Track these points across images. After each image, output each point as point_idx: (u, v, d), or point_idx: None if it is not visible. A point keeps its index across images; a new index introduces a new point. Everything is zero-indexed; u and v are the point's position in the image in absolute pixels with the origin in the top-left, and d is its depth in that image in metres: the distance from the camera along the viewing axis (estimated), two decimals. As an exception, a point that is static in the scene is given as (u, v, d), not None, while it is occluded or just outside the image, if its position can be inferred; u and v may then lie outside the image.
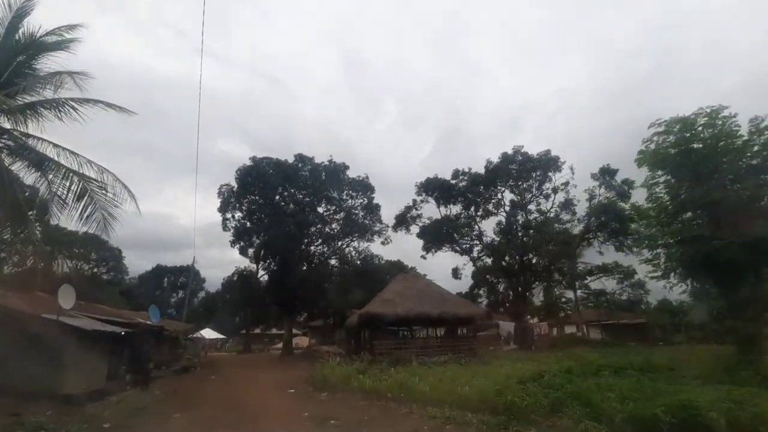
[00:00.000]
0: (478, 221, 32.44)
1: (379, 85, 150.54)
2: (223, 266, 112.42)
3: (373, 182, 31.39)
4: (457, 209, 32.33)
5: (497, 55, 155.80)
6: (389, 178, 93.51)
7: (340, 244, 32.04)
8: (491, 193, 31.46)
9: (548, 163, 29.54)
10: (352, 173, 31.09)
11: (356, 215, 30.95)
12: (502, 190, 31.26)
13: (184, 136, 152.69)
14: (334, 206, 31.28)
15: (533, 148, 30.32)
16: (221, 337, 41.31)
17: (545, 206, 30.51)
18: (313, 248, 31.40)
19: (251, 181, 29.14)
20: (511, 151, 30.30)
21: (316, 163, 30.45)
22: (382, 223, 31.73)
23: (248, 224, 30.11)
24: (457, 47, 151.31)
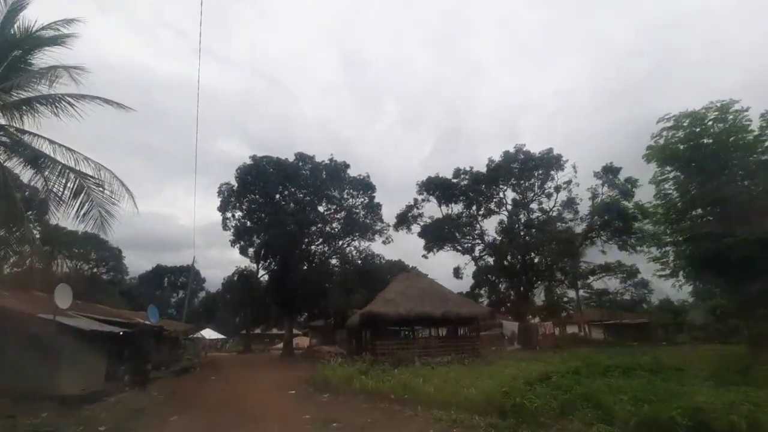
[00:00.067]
0: (479, 220, 32.29)
1: (379, 85, 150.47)
2: (223, 266, 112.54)
3: (373, 182, 31.18)
4: (458, 208, 32.19)
5: (497, 55, 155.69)
6: (389, 178, 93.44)
7: (340, 243, 31.87)
8: (493, 191, 31.23)
9: (550, 161, 29.31)
10: (352, 173, 30.90)
11: (357, 214, 30.73)
12: (504, 188, 31.07)
13: (184, 136, 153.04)
14: (334, 205, 31.03)
15: (533, 147, 29.99)
16: (221, 337, 41.26)
17: (547, 205, 30.31)
18: (313, 248, 31.24)
19: (251, 180, 28.93)
20: (513, 149, 30.15)
21: (316, 162, 30.22)
22: (383, 222, 31.56)
23: (248, 223, 29.92)
24: (457, 47, 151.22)
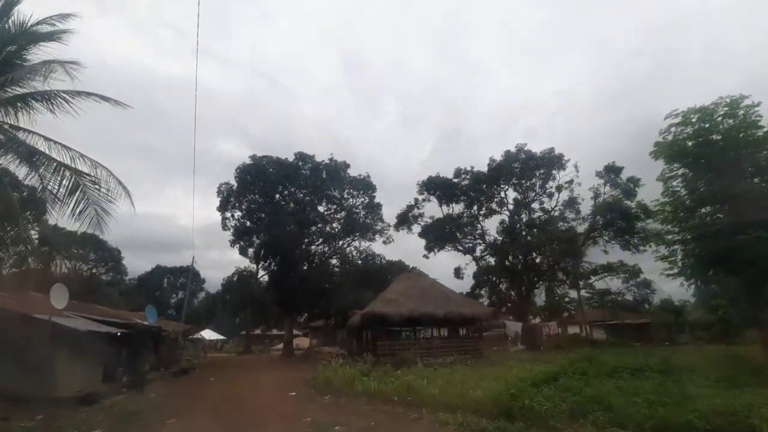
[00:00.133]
0: (480, 220, 32.07)
1: (379, 85, 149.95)
2: (222, 267, 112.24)
3: (373, 182, 30.95)
4: (459, 208, 31.97)
5: (497, 55, 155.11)
6: (389, 178, 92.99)
7: (341, 243, 31.69)
8: (494, 191, 31.02)
9: (552, 161, 29.08)
10: (352, 173, 30.70)
11: (357, 214, 30.54)
12: (505, 188, 30.84)
13: (184, 136, 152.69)
14: (335, 205, 30.85)
15: (533, 147, 29.74)
16: (221, 338, 41.01)
17: (549, 205, 30.07)
18: (313, 248, 31.06)
19: (251, 179, 28.75)
20: (514, 149, 29.90)
21: (316, 161, 30.03)
22: (383, 222, 31.35)
23: (248, 223, 29.73)
24: (457, 47, 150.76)
